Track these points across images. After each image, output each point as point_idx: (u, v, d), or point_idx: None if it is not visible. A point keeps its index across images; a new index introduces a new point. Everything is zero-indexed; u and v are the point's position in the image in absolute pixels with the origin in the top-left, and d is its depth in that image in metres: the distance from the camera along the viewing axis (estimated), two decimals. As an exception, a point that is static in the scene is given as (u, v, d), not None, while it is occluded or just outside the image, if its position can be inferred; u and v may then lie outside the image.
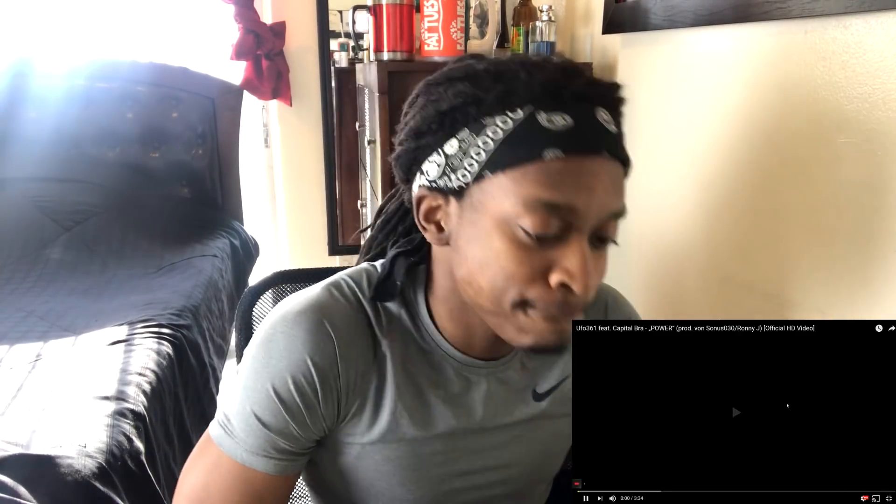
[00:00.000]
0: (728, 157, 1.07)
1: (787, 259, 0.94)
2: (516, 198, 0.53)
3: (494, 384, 0.66)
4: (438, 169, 0.57)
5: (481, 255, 0.56)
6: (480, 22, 1.68)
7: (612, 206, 0.55)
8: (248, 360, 0.62)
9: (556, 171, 0.52)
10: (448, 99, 0.55)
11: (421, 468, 0.66)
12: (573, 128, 0.52)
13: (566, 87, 0.53)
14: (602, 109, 0.54)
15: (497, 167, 0.53)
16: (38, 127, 2.06)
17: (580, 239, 0.54)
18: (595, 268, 0.56)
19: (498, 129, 0.53)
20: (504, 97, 0.53)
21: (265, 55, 2.05)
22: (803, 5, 0.85)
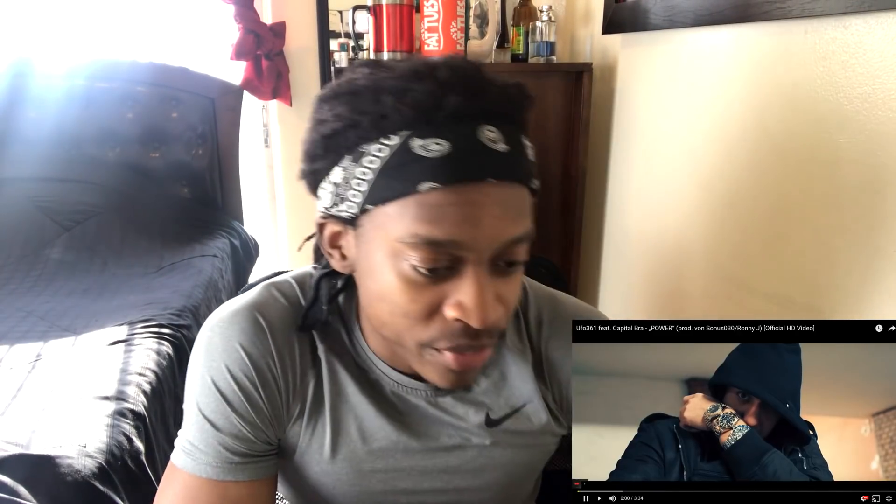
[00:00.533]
0: (728, 157, 1.07)
1: (787, 259, 0.94)
2: (399, 233, 0.49)
3: (433, 409, 0.64)
4: (330, 197, 0.54)
5: (376, 289, 0.53)
6: (480, 22, 1.69)
7: (506, 235, 0.50)
8: (190, 366, 0.61)
9: (435, 203, 0.48)
10: (329, 122, 0.52)
11: (360, 484, 0.64)
12: (449, 154, 0.47)
13: (440, 106, 0.48)
14: (487, 127, 0.49)
15: (377, 200, 0.50)
16: (38, 127, 2.06)
17: (473, 270, 0.50)
18: (503, 293, 0.52)
19: (374, 158, 0.49)
20: (378, 122, 0.49)
21: (265, 55, 2.05)
22: (803, 5, 0.85)
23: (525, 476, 0.70)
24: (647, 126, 1.34)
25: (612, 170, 1.52)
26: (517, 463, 0.67)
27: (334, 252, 0.58)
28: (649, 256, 1.36)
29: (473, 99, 0.49)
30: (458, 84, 0.49)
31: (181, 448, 0.61)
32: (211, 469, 0.59)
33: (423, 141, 0.48)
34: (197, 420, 0.60)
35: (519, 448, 0.66)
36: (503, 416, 0.65)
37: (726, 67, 1.06)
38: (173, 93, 2.15)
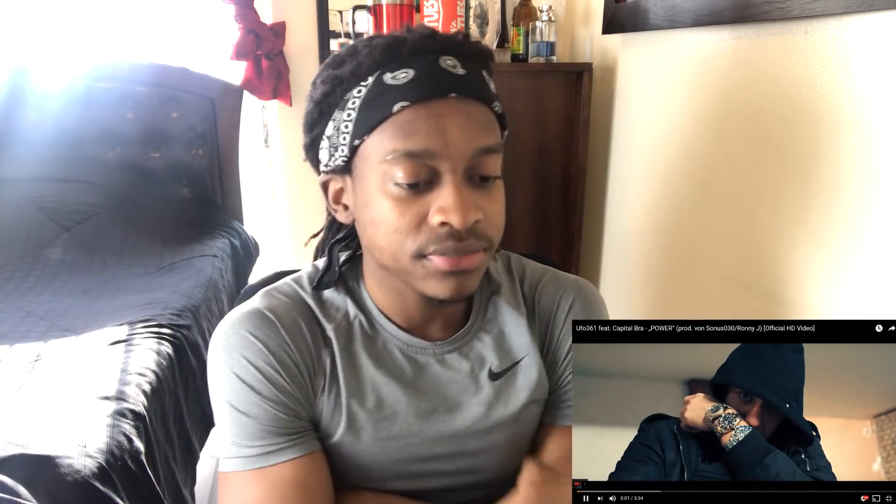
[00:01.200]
0: (728, 157, 1.07)
1: (787, 259, 0.94)
2: (381, 154, 0.57)
3: (442, 368, 0.68)
4: (327, 153, 0.63)
5: (371, 216, 0.60)
6: (480, 22, 1.69)
7: (474, 143, 0.58)
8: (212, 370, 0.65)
9: (407, 121, 0.57)
10: (319, 87, 0.61)
11: (378, 454, 0.67)
12: (414, 78, 0.57)
13: (403, 44, 0.57)
14: (446, 57, 0.58)
15: (362, 133, 0.58)
16: (39, 127, 2.06)
17: (450, 178, 0.57)
18: (483, 204, 0.59)
19: (355, 99, 0.59)
20: (356, 70, 0.59)
21: (265, 55, 2.05)
22: (803, 5, 0.85)
23: (525, 434, 0.74)
24: (647, 126, 1.34)
25: (612, 169, 1.52)
26: (518, 418, 0.71)
27: (338, 207, 0.66)
28: (649, 256, 1.36)
29: (431, 37, 0.59)
30: (413, 30, 0.60)
31: (226, 454, 0.64)
32: (260, 458, 0.62)
33: (392, 73, 0.57)
34: (232, 417, 0.63)
35: (519, 402, 0.70)
36: (504, 370, 0.70)
37: (726, 67, 1.06)
38: (173, 93, 2.15)
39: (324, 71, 0.62)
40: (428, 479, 0.70)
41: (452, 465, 0.70)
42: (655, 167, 1.30)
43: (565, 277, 0.76)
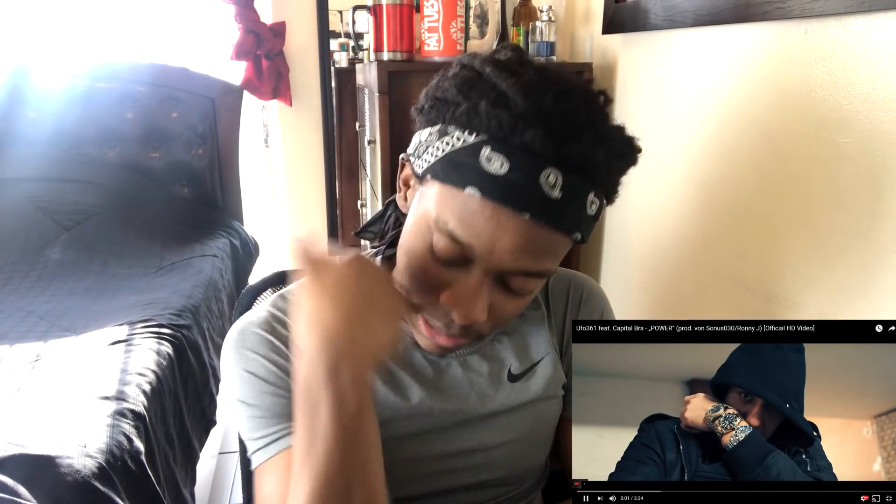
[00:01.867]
0: (728, 158, 1.07)
1: (786, 259, 0.94)
2: (438, 212, 0.55)
3: (463, 370, 0.68)
4: (415, 147, 0.60)
5: (406, 241, 0.59)
6: (480, 22, 1.69)
7: (521, 265, 0.54)
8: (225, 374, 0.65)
9: (471, 210, 0.52)
10: (444, 88, 0.57)
11: (396, 451, 0.66)
12: (504, 176, 0.51)
13: (519, 133, 0.50)
14: (554, 170, 0.51)
15: (436, 176, 0.55)
16: (38, 127, 2.06)
17: (478, 274, 0.55)
18: (499, 307, 0.57)
19: (451, 142, 0.54)
20: (470, 115, 0.53)
21: (265, 55, 2.05)
22: (803, 5, 0.85)
23: (543, 432, 0.74)
24: (647, 126, 1.34)
25: (612, 170, 1.52)
26: (536, 416, 0.71)
27: (403, 189, 0.64)
28: (649, 256, 1.36)
29: (552, 141, 0.50)
30: (552, 122, 0.50)
31: (251, 451, 0.63)
32: (273, 445, 0.61)
33: (490, 153, 0.51)
34: (247, 414, 0.62)
35: (537, 401, 0.70)
36: (524, 371, 0.70)
37: (726, 67, 1.06)
38: (173, 93, 2.15)
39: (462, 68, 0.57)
40: (445, 478, 0.69)
41: (471, 461, 0.69)
42: (655, 167, 1.30)
43: (567, 272, 0.77)
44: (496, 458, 0.70)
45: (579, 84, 0.55)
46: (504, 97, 0.52)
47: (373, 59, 1.52)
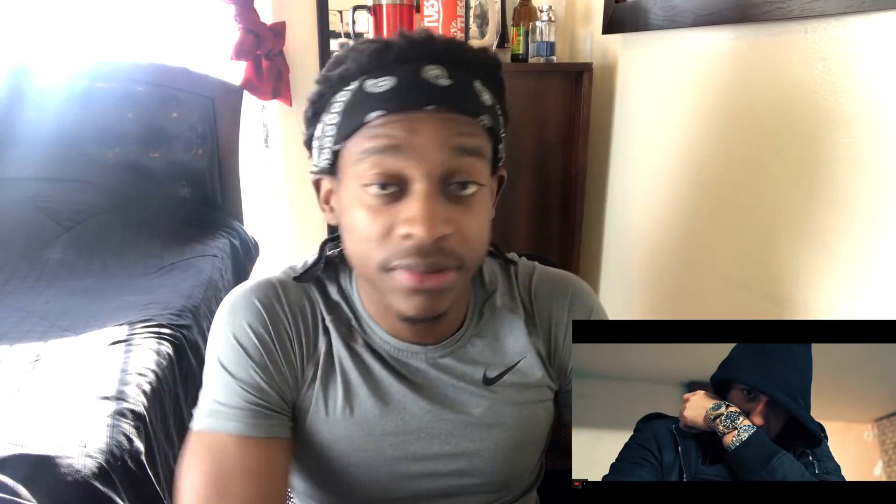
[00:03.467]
0: (728, 157, 1.07)
1: (786, 259, 0.94)
2: (355, 157, 0.57)
3: (435, 370, 0.68)
4: (316, 153, 0.63)
5: (346, 222, 0.61)
6: (480, 22, 1.69)
7: (452, 143, 0.56)
8: (213, 329, 0.67)
9: (381, 125, 0.55)
10: (315, 87, 0.61)
11: (373, 449, 0.67)
12: (394, 87, 0.55)
13: (388, 51, 0.56)
14: (432, 66, 0.56)
15: (341, 138, 0.58)
16: (38, 127, 2.05)
17: (420, 187, 0.55)
18: (457, 217, 0.57)
19: (338, 103, 0.58)
20: (343, 74, 0.58)
21: (265, 55, 2.05)
22: (803, 5, 0.85)
23: (530, 437, 0.73)
24: (647, 126, 1.34)
25: (612, 169, 1.52)
26: (520, 419, 0.70)
27: (327, 207, 0.66)
28: (649, 256, 1.36)
29: (418, 44, 0.57)
30: (406, 36, 0.57)
31: (203, 411, 0.64)
32: (231, 423, 0.62)
33: (374, 80, 0.56)
34: (219, 375, 0.64)
35: (519, 404, 0.70)
36: (500, 374, 0.69)
37: (726, 67, 1.06)
38: (173, 93, 2.15)
39: (323, 71, 0.62)
40: (425, 481, 0.69)
41: (452, 465, 0.69)
42: (655, 167, 1.30)
43: (552, 272, 0.76)
44: (478, 464, 0.69)
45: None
46: (358, 47, 0.58)
47: (373, 59, 1.52)
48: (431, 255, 0.56)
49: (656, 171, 1.30)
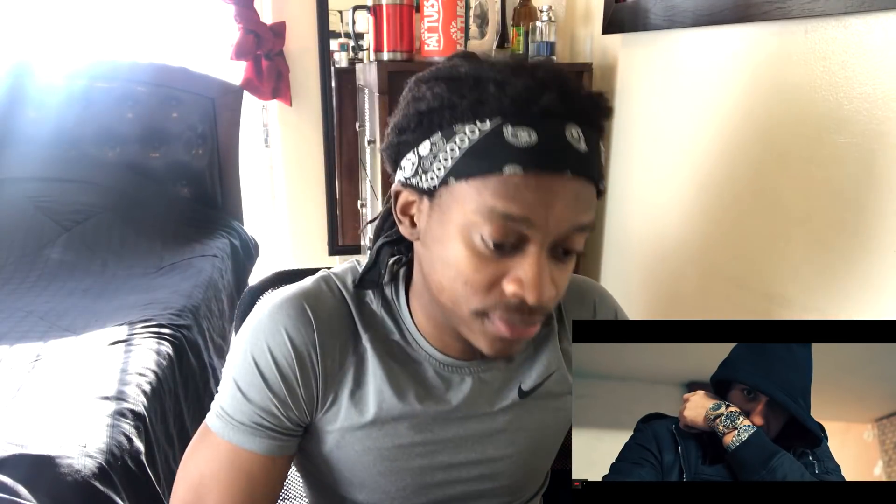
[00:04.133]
0: (728, 157, 1.07)
1: (786, 259, 0.94)
2: (476, 206, 0.54)
3: (476, 383, 0.67)
4: (412, 167, 0.58)
5: (444, 255, 0.57)
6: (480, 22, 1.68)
7: (573, 221, 0.55)
8: (235, 342, 0.66)
9: (514, 185, 0.53)
10: (427, 100, 0.56)
11: (401, 458, 0.67)
12: (536, 145, 0.52)
13: (535, 101, 0.53)
14: (574, 126, 0.54)
15: (461, 175, 0.54)
16: (38, 127, 2.06)
17: (536, 250, 0.54)
18: (556, 278, 0.57)
19: (465, 137, 0.54)
20: (475, 106, 0.54)
21: (265, 55, 2.05)
22: (803, 5, 0.85)
23: (550, 442, 0.74)
24: (647, 126, 1.34)
25: (611, 169, 1.52)
26: (545, 427, 0.71)
27: (405, 219, 0.62)
28: (649, 256, 1.36)
29: (565, 99, 0.53)
30: (554, 84, 0.54)
31: (214, 412, 0.65)
32: (234, 434, 0.63)
33: (514, 129, 0.52)
34: (232, 390, 0.63)
35: (546, 412, 0.70)
36: (534, 387, 0.69)
37: (726, 67, 1.06)
38: (173, 93, 2.15)
39: (436, 81, 0.57)
40: (448, 487, 0.69)
41: (474, 471, 0.69)
42: (655, 167, 1.30)
43: (575, 279, 0.75)
44: (500, 469, 0.70)
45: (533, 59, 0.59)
46: (500, 81, 0.54)
47: (373, 59, 1.52)
48: (532, 312, 0.56)
49: (656, 170, 1.30)
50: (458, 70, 0.56)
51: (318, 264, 0.90)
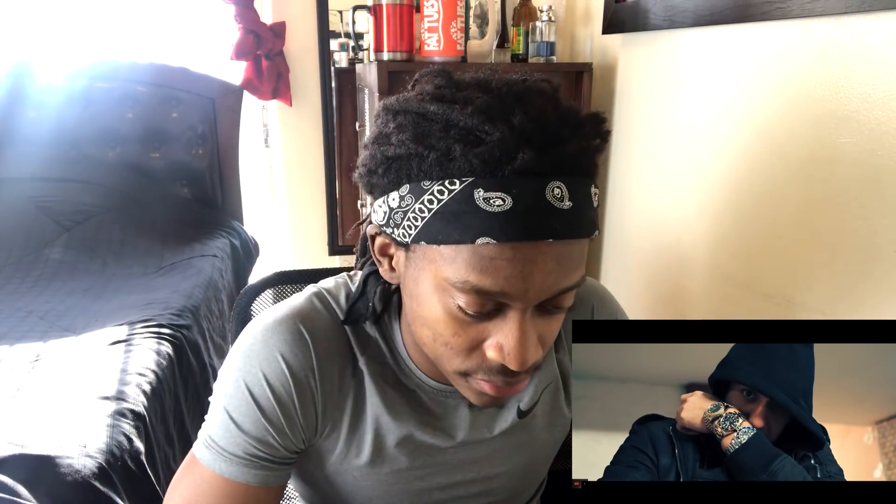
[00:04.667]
0: (728, 157, 1.06)
1: (787, 259, 0.94)
2: (450, 275, 0.49)
3: (470, 409, 0.66)
4: (384, 217, 0.54)
5: (421, 314, 0.54)
6: (480, 22, 1.68)
7: (556, 287, 0.50)
8: (225, 367, 0.61)
9: (489, 256, 0.47)
10: (394, 145, 0.50)
11: (399, 482, 0.65)
12: (510, 211, 0.46)
13: (510, 160, 0.46)
14: (555, 184, 0.47)
15: (432, 241, 0.49)
16: (39, 127, 2.06)
17: (518, 316, 0.50)
18: (544, 334, 0.53)
19: (434, 198, 0.48)
20: (444, 162, 0.47)
21: (265, 55, 2.05)
22: (803, 5, 0.84)
23: (547, 453, 0.73)
24: (647, 126, 1.34)
25: (611, 170, 1.52)
26: (541, 440, 0.70)
27: (384, 261, 0.58)
28: (649, 256, 1.36)
29: (545, 153, 0.47)
30: (533, 136, 0.47)
31: (202, 442, 0.61)
32: (225, 466, 0.59)
33: (486, 193, 0.46)
34: (223, 420, 0.59)
35: (542, 426, 0.69)
36: (531, 407, 0.67)
37: (726, 67, 1.06)
38: (173, 93, 2.15)
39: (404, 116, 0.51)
40: None
41: (472, 489, 0.68)
42: (655, 167, 1.30)
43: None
44: (497, 484, 0.70)
45: (527, 84, 0.52)
46: (471, 131, 0.47)
47: (373, 59, 1.52)
48: (516, 374, 0.53)
49: (656, 171, 1.30)
50: (426, 108, 0.50)
51: (318, 264, 0.90)
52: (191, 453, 0.62)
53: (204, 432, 0.61)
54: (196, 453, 0.61)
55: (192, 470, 0.61)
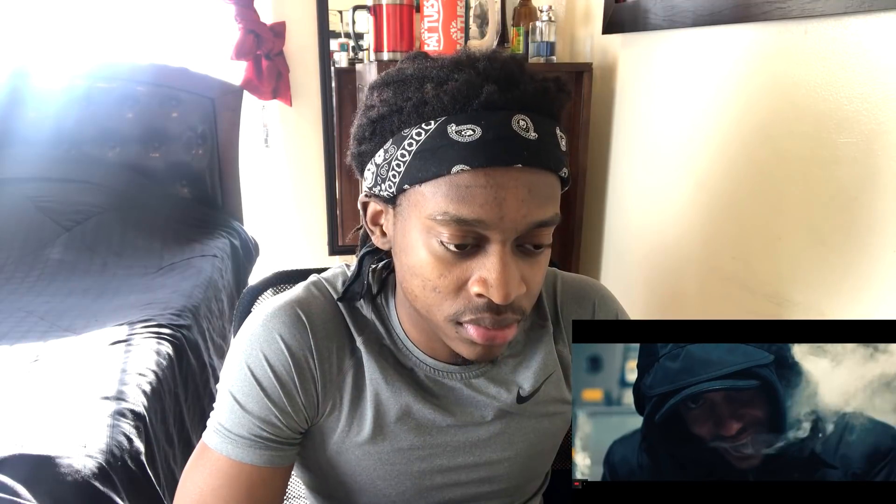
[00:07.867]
0: (728, 157, 1.07)
1: (786, 258, 0.94)
2: (431, 210, 0.53)
3: (468, 389, 0.67)
4: (373, 177, 0.58)
5: (411, 264, 0.57)
6: (480, 22, 1.69)
7: (531, 217, 0.53)
8: (230, 355, 0.65)
9: (464, 184, 0.52)
10: (377, 107, 0.56)
11: (400, 462, 0.67)
12: (481, 140, 0.51)
13: (476, 95, 0.52)
14: (520, 116, 0.52)
15: (414, 180, 0.54)
16: (38, 127, 2.06)
17: (498, 249, 0.53)
18: (527, 274, 0.55)
19: (413, 141, 0.53)
20: (419, 107, 0.53)
21: (265, 55, 2.05)
22: (803, 5, 0.85)
23: (548, 445, 0.74)
24: (647, 126, 1.34)
25: (612, 170, 1.52)
26: (542, 430, 0.71)
27: (375, 229, 0.62)
28: (649, 256, 1.36)
29: (508, 90, 0.52)
30: (496, 75, 0.53)
31: (211, 428, 0.64)
32: (233, 449, 0.62)
33: (458, 127, 0.52)
34: (229, 403, 0.62)
35: (544, 417, 0.70)
36: (532, 392, 0.68)
37: (726, 67, 1.06)
38: (173, 93, 2.15)
39: (385, 87, 0.57)
40: (447, 491, 0.69)
41: (473, 474, 0.69)
42: (655, 167, 1.30)
43: (575, 280, 0.75)
44: (498, 471, 0.70)
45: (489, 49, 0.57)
46: (442, 77, 0.53)
47: (373, 59, 1.52)
48: (503, 312, 0.55)
49: (656, 171, 1.30)
50: (404, 73, 0.56)
51: (318, 264, 0.90)
52: (201, 441, 0.65)
53: (212, 419, 0.64)
54: (205, 439, 0.64)
55: (203, 455, 0.64)
